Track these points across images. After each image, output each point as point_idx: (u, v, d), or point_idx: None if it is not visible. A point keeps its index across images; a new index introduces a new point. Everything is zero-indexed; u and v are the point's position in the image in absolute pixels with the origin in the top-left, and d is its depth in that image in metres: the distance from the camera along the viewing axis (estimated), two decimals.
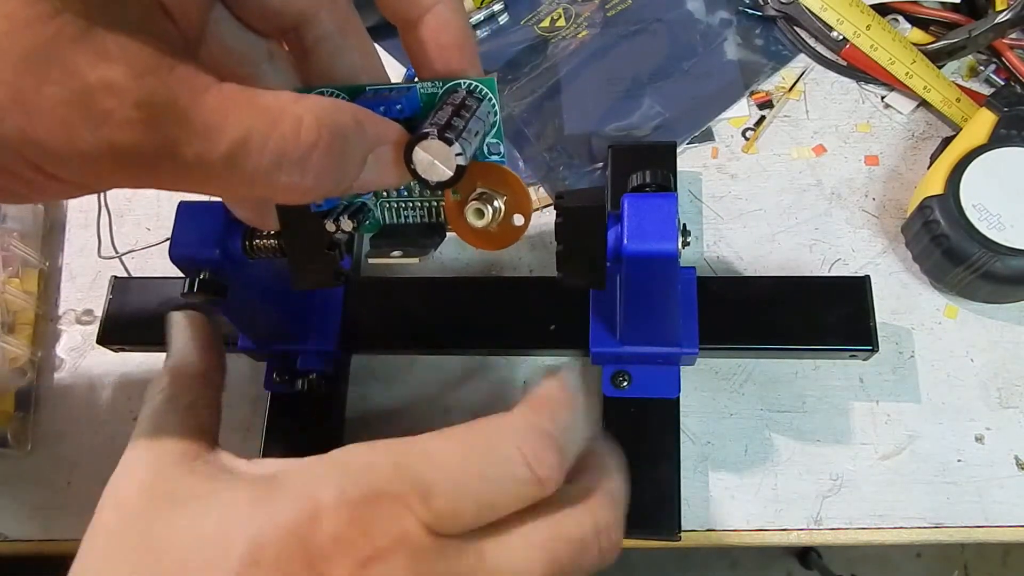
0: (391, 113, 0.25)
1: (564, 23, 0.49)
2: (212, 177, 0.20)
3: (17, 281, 0.45)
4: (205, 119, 0.19)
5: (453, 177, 0.24)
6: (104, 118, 0.17)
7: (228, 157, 0.19)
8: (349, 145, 0.22)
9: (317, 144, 0.20)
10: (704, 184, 0.45)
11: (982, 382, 0.40)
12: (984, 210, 0.38)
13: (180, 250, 0.31)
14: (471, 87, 0.26)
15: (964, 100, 0.44)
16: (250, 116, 0.19)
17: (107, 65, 0.17)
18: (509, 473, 0.23)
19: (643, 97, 0.47)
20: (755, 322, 0.38)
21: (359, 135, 0.22)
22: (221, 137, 0.19)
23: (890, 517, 0.38)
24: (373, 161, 0.23)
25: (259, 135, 0.19)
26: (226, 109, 0.19)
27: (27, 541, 0.41)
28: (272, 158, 0.20)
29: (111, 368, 0.44)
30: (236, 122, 0.19)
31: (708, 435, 0.40)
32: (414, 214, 0.29)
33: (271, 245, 0.31)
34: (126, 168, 0.19)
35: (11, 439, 0.42)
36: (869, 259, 0.42)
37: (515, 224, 0.27)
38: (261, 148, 0.20)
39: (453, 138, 0.23)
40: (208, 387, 0.29)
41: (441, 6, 0.25)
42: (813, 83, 0.46)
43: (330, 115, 0.21)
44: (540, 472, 0.24)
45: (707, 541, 0.38)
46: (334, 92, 0.26)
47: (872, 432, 0.39)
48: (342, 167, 0.22)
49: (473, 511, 0.23)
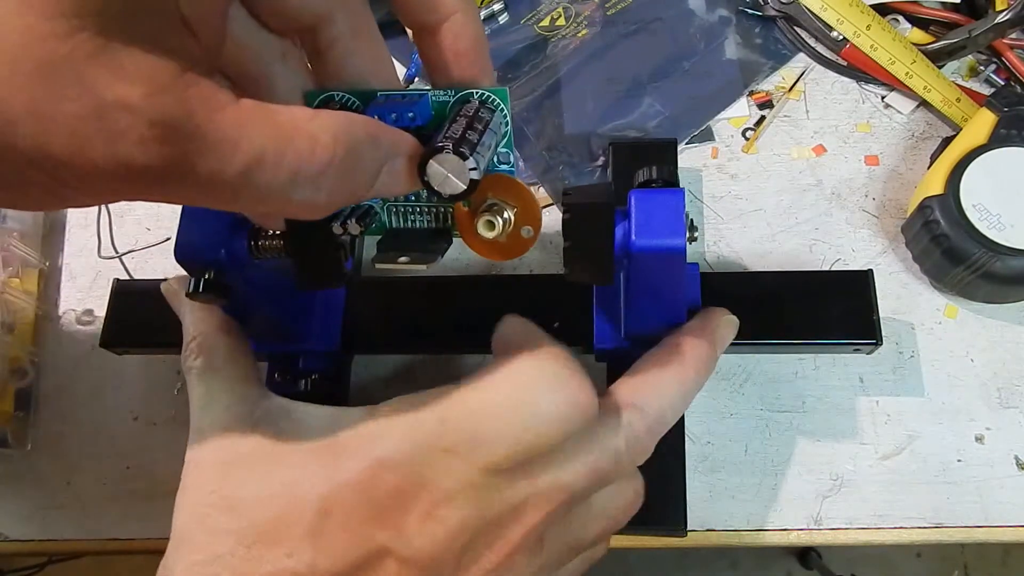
0: (403, 121, 0.26)
1: (564, 22, 0.49)
2: (226, 194, 0.20)
3: (17, 281, 0.45)
4: (220, 137, 0.19)
5: (467, 190, 0.24)
6: (119, 136, 0.18)
7: (243, 174, 0.19)
8: (363, 161, 0.22)
9: (332, 162, 0.21)
10: (704, 184, 0.45)
11: (982, 382, 0.40)
12: (984, 210, 0.38)
13: (185, 250, 0.31)
14: (484, 97, 0.26)
15: (964, 100, 0.44)
16: (265, 134, 0.20)
17: (123, 83, 0.17)
18: (549, 409, 0.25)
19: (643, 96, 0.47)
20: (757, 317, 0.38)
21: (373, 150, 0.22)
22: (236, 155, 0.19)
23: (890, 517, 0.38)
24: (386, 172, 0.23)
25: (274, 153, 0.20)
26: (241, 127, 0.19)
27: (27, 541, 0.41)
28: (287, 176, 0.20)
29: (111, 368, 0.44)
30: (251, 140, 0.19)
31: (708, 435, 0.40)
32: (421, 219, 0.30)
33: (276, 245, 0.31)
34: (140, 183, 0.19)
35: (11, 439, 0.42)
36: (869, 259, 0.42)
37: (524, 236, 0.27)
38: (276, 166, 0.20)
39: (468, 152, 0.23)
40: (232, 335, 0.32)
41: (460, 15, 0.25)
42: (813, 83, 0.46)
43: (345, 132, 0.21)
44: (580, 400, 0.26)
45: (707, 541, 0.38)
46: (345, 96, 0.26)
47: (872, 432, 0.39)
48: (356, 182, 0.22)
49: (522, 450, 0.25)
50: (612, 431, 0.27)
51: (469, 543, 0.25)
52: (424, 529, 0.24)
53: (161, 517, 0.41)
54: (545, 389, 0.26)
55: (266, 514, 0.25)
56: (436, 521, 0.24)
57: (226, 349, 0.31)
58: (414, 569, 0.24)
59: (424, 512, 0.24)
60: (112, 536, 0.41)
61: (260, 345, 0.38)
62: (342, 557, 0.24)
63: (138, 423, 0.43)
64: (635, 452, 0.28)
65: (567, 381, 0.26)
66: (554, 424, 0.25)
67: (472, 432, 0.25)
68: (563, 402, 0.25)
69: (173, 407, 0.43)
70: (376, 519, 0.24)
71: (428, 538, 0.24)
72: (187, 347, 0.32)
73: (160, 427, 0.43)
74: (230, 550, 0.25)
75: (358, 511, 0.24)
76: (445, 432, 0.25)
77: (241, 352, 0.32)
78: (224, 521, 0.25)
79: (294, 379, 0.38)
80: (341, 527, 0.24)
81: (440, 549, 0.24)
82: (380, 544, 0.24)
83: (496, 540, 0.25)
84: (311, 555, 0.24)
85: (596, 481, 0.27)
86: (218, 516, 0.26)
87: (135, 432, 0.43)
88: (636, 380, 0.30)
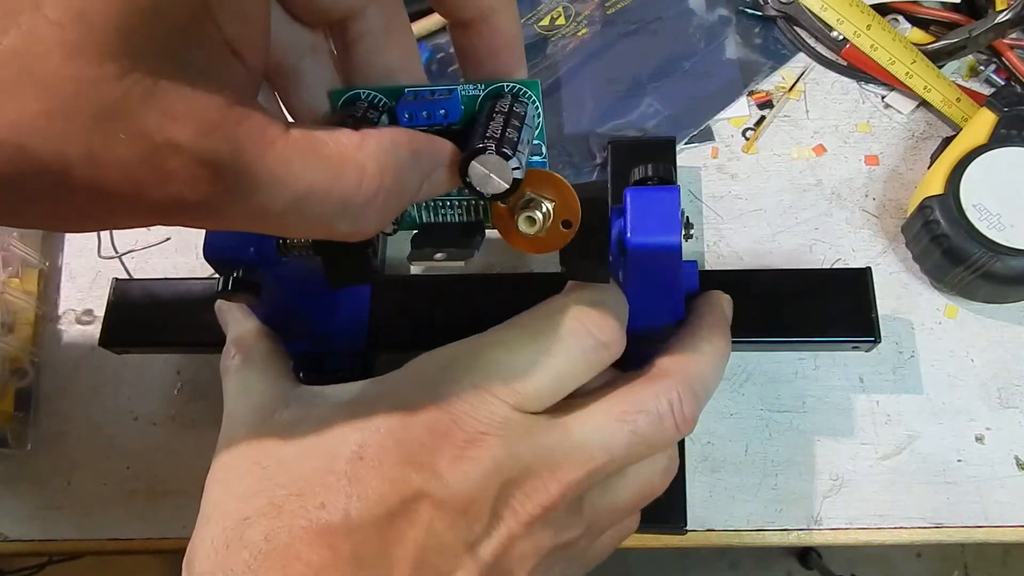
0: (435, 119, 0.25)
1: (564, 22, 0.49)
2: (273, 224, 0.20)
3: (17, 281, 0.45)
4: (269, 172, 0.19)
5: (510, 189, 0.24)
6: (171, 175, 0.18)
7: (291, 208, 0.20)
8: (409, 181, 0.22)
9: (379, 192, 0.21)
10: (704, 184, 0.45)
11: (982, 382, 0.40)
12: (984, 210, 0.38)
13: (214, 249, 0.31)
14: (515, 90, 0.26)
15: (964, 100, 0.44)
16: (314, 168, 0.20)
17: (174, 124, 0.17)
18: (575, 343, 0.26)
19: (642, 96, 0.47)
20: (756, 315, 0.38)
21: (417, 168, 0.23)
22: (285, 190, 0.19)
23: (890, 517, 0.38)
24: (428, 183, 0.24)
25: (323, 187, 0.20)
26: (290, 161, 0.19)
27: (27, 541, 0.41)
28: (335, 208, 0.20)
29: (111, 368, 0.44)
30: (300, 174, 0.19)
31: (708, 435, 0.40)
32: (452, 213, 0.29)
33: (305, 243, 0.31)
34: (190, 215, 0.19)
35: (11, 439, 0.42)
36: (869, 259, 0.42)
37: (563, 228, 0.27)
38: (324, 199, 0.20)
39: (511, 153, 0.23)
40: (269, 339, 0.33)
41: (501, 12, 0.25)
42: (813, 83, 0.46)
43: (392, 158, 0.21)
44: (602, 337, 0.27)
45: (707, 541, 0.38)
46: (372, 94, 0.26)
47: (872, 432, 0.39)
48: (401, 201, 0.22)
49: (552, 385, 0.26)
50: (653, 396, 0.27)
51: (504, 487, 0.24)
52: (457, 468, 0.24)
53: (161, 517, 0.41)
54: (566, 317, 0.26)
55: (300, 471, 0.25)
56: (469, 461, 0.24)
57: (264, 349, 0.32)
58: (448, 512, 0.24)
59: (457, 450, 0.24)
60: (112, 536, 0.41)
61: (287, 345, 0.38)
62: (377, 503, 0.24)
63: (138, 423, 0.43)
64: (680, 418, 0.28)
65: (587, 314, 0.27)
66: (574, 351, 0.26)
67: (498, 363, 0.25)
68: (582, 331, 0.26)
69: (173, 407, 0.43)
70: (409, 461, 0.24)
71: (461, 477, 0.24)
72: (227, 349, 0.32)
73: (160, 427, 0.43)
74: (261, 511, 0.24)
75: (391, 454, 0.24)
76: (475, 368, 0.25)
77: (277, 354, 0.32)
78: (256, 485, 0.25)
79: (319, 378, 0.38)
80: (374, 472, 0.24)
81: (474, 490, 0.24)
82: (415, 487, 0.24)
83: (533, 490, 0.25)
84: (344, 503, 0.24)
85: (638, 444, 0.27)
86: (249, 481, 0.25)
87: (135, 432, 0.43)
88: (674, 351, 0.30)
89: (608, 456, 0.26)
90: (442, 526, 0.24)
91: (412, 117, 0.26)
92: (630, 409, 0.27)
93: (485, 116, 0.25)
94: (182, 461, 0.42)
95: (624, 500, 0.28)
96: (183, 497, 0.41)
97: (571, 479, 0.25)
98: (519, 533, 0.25)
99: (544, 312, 0.27)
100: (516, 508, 0.24)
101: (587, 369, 0.26)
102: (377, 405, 0.25)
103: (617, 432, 0.26)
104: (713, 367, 0.30)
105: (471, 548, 0.24)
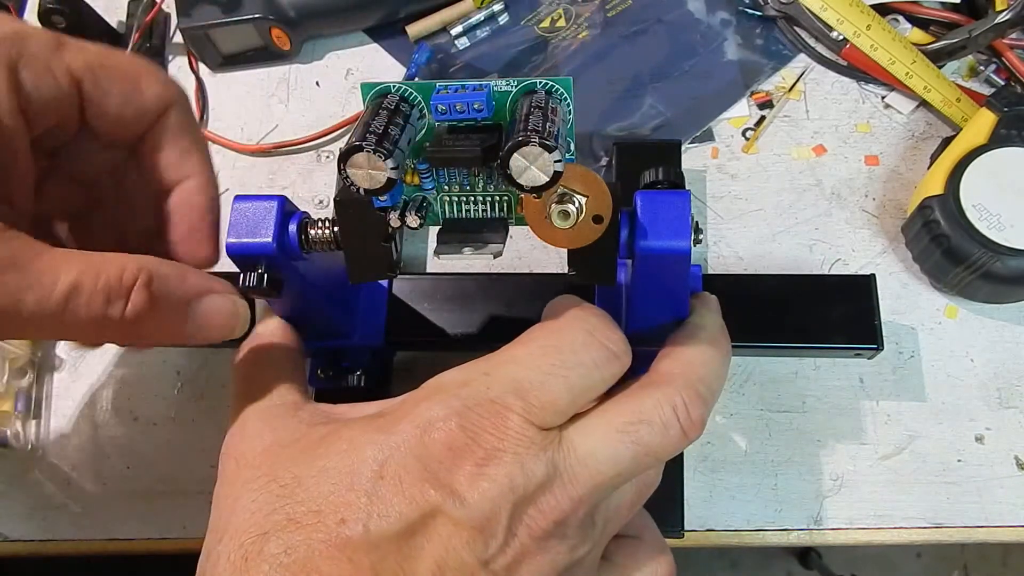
0: (470, 113, 0.26)
1: (564, 23, 0.49)
2: (54, 322, 0.25)
3: None
4: (41, 270, 0.25)
5: (549, 182, 0.24)
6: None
7: (64, 300, 0.25)
8: (170, 288, 0.27)
9: (137, 286, 0.26)
10: (704, 184, 0.45)
11: (982, 382, 0.40)
12: (984, 210, 0.38)
13: (237, 244, 0.30)
14: (549, 87, 0.26)
15: (964, 100, 0.44)
16: (80, 266, 0.25)
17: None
18: (588, 356, 0.27)
19: (644, 97, 0.47)
20: (759, 320, 0.38)
21: (179, 282, 0.28)
22: (56, 284, 0.25)
23: (890, 517, 0.38)
24: (206, 302, 0.29)
25: (89, 279, 0.25)
26: (59, 263, 0.25)
27: (27, 541, 0.41)
28: (102, 297, 0.25)
29: (111, 368, 0.44)
30: (68, 271, 0.25)
31: (708, 435, 0.40)
32: (475, 208, 0.29)
33: (327, 237, 0.30)
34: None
35: (11, 439, 0.42)
36: (869, 259, 0.42)
37: (594, 224, 0.27)
38: (91, 290, 0.25)
39: (554, 145, 0.23)
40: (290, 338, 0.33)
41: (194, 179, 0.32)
42: (813, 83, 0.47)
43: (151, 263, 0.27)
44: (614, 347, 0.27)
45: (707, 541, 0.38)
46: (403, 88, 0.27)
47: (872, 432, 0.39)
48: (170, 305, 0.27)
49: (566, 398, 0.26)
50: (655, 404, 0.27)
51: (518, 504, 0.24)
52: (475, 486, 0.24)
53: (161, 517, 0.41)
54: (578, 332, 0.27)
55: (319, 488, 0.25)
56: (486, 478, 0.24)
57: (281, 350, 0.32)
58: (466, 530, 0.24)
59: (475, 467, 0.24)
60: (112, 536, 0.41)
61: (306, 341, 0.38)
62: (397, 519, 0.24)
63: (138, 423, 0.43)
64: (687, 424, 0.27)
65: (597, 327, 0.27)
66: (587, 364, 0.26)
67: (513, 378, 0.25)
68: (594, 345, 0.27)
69: (173, 407, 0.43)
70: (428, 478, 0.24)
71: (478, 496, 0.24)
72: (242, 348, 0.33)
73: (160, 427, 0.43)
74: (280, 525, 0.24)
75: (411, 471, 0.24)
76: (492, 384, 0.26)
77: (290, 359, 0.33)
78: (273, 501, 0.25)
79: (336, 374, 0.38)
80: (395, 489, 0.24)
81: (491, 508, 0.24)
82: (433, 504, 0.24)
83: (546, 506, 0.25)
84: (364, 520, 0.24)
85: (644, 455, 0.26)
86: (267, 497, 0.25)
87: (135, 432, 0.43)
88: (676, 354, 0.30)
89: (616, 470, 0.26)
90: (459, 543, 0.24)
91: (447, 110, 0.26)
92: (630, 419, 0.26)
93: (523, 110, 0.25)
94: (182, 461, 0.42)
95: (627, 503, 0.28)
96: (183, 497, 0.41)
97: (581, 494, 0.25)
98: (533, 549, 0.25)
99: (556, 326, 0.27)
100: (530, 524, 0.25)
101: (601, 381, 0.27)
102: (396, 423, 0.26)
103: (620, 444, 0.26)
104: (717, 367, 0.30)
105: (486, 565, 0.24)
